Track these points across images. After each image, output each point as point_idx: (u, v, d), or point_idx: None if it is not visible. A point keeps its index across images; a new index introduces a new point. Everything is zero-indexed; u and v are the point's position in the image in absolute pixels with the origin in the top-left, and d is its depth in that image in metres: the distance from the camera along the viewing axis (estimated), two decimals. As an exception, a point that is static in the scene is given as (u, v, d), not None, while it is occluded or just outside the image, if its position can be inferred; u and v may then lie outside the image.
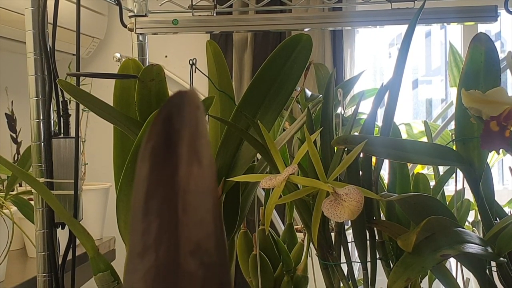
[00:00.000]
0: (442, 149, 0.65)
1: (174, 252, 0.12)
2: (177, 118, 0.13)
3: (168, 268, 0.13)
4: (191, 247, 0.12)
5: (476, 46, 0.63)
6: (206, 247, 0.12)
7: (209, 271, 0.12)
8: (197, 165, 0.13)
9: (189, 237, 0.12)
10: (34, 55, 0.70)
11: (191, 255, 0.12)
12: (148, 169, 0.13)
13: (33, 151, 0.70)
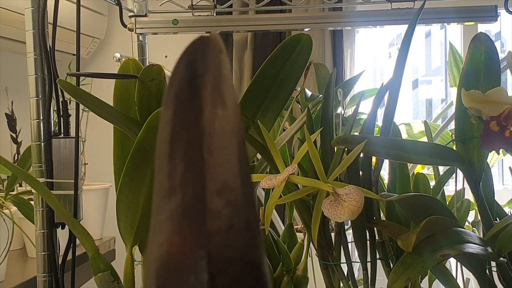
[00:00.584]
0: (442, 149, 0.65)
1: (201, 192, 0.13)
2: (200, 63, 0.13)
3: (195, 208, 0.13)
4: (217, 187, 0.13)
5: (476, 46, 0.63)
6: (232, 186, 0.12)
7: (235, 209, 0.13)
8: (221, 107, 0.13)
9: (215, 178, 0.13)
10: (34, 55, 0.70)
11: (217, 194, 0.13)
12: (172, 113, 0.13)
13: (33, 151, 0.70)
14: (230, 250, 0.12)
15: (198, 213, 0.13)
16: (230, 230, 0.12)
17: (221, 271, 0.12)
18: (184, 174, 0.13)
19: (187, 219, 0.13)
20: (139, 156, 0.58)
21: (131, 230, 0.62)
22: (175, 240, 0.13)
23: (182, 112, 0.13)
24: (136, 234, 0.61)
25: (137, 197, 0.60)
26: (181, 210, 0.13)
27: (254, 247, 0.12)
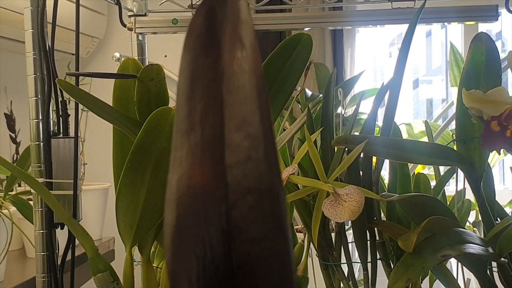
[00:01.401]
0: (442, 149, 0.65)
1: (219, 128, 0.13)
2: (219, 10, 0.13)
3: (214, 142, 0.13)
4: (236, 122, 0.13)
5: (477, 45, 0.62)
6: (251, 120, 0.13)
7: (254, 142, 0.13)
8: (240, 49, 0.13)
9: (233, 115, 0.13)
10: (33, 54, 0.70)
11: (236, 129, 0.13)
12: (191, 57, 0.14)
13: (32, 151, 0.70)
14: (249, 180, 0.13)
15: (217, 147, 0.13)
16: (249, 161, 0.13)
17: (239, 200, 0.13)
18: (204, 112, 0.14)
19: (206, 153, 0.13)
20: (138, 156, 0.57)
21: (130, 230, 0.61)
22: (195, 173, 0.13)
23: (201, 56, 0.14)
24: (136, 234, 0.61)
25: (136, 197, 0.59)
26: (201, 145, 0.14)
27: (272, 175, 0.13)
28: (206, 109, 0.14)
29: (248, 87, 0.13)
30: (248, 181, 0.13)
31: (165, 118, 0.56)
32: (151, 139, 0.57)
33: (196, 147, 0.14)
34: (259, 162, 0.13)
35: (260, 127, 0.13)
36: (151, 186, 0.59)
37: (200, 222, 0.13)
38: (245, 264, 0.13)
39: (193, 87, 0.14)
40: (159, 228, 0.63)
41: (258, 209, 0.13)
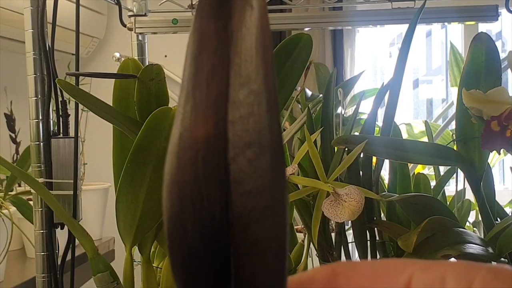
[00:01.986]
0: (442, 149, 0.64)
1: (225, 85, 0.14)
2: None
3: (218, 99, 0.14)
4: (241, 80, 0.14)
5: (477, 45, 0.62)
6: (255, 78, 0.14)
7: (257, 98, 0.14)
8: (249, 12, 0.14)
9: (239, 73, 0.14)
10: (33, 54, 0.70)
11: (240, 87, 0.14)
12: (202, 21, 0.14)
13: (32, 151, 0.70)
14: (250, 135, 0.14)
15: (221, 104, 0.14)
16: (251, 116, 0.14)
17: (239, 155, 0.14)
18: (210, 72, 0.14)
19: (210, 109, 0.14)
20: (138, 156, 0.57)
21: (130, 230, 0.61)
22: (197, 128, 0.14)
23: (212, 20, 0.14)
24: (136, 234, 0.61)
25: (136, 197, 0.59)
26: (205, 103, 0.14)
27: (272, 130, 0.13)
28: (213, 69, 0.14)
29: (255, 48, 0.14)
30: (249, 136, 0.14)
31: (165, 118, 0.56)
32: (151, 139, 0.57)
33: (201, 104, 0.14)
34: (261, 117, 0.14)
35: (263, 84, 0.14)
36: (151, 186, 0.59)
37: (199, 175, 0.14)
38: (240, 217, 0.14)
39: (202, 49, 0.15)
40: (159, 228, 0.63)
41: (256, 163, 0.14)
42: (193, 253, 0.14)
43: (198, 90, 0.14)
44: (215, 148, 0.14)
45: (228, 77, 0.14)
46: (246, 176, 0.14)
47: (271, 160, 0.13)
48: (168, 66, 1.86)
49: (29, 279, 0.97)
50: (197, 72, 0.15)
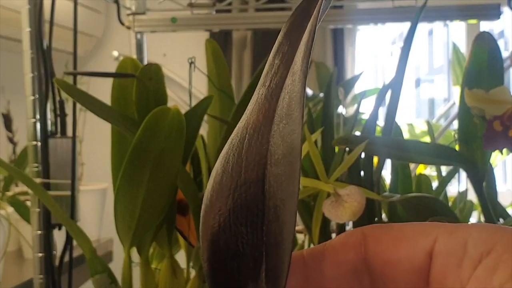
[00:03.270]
0: (444, 149, 0.64)
1: (281, 81, 0.18)
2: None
3: (274, 93, 0.18)
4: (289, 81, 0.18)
5: (479, 44, 0.62)
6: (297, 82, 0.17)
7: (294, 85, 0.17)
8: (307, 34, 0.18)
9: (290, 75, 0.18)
10: (31, 53, 0.69)
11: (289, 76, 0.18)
12: (283, 34, 0.18)
13: (29, 151, 0.69)
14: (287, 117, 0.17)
15: (274, 98, 0.18)
16: (289, 107, 0.17)
17: (276, 131, 0.17)
18: (275, 74, 0.18)
19: (265, 103, 0.18)
20: (137, 156, 0.57)
21: (129, 231, 0.61)
22: (253, 117, 0.18)
23: (290, 34, 0.18)
24: (134, 235, 0.61)
25: (135, 198, 0.59)
26: (264, 96, 0.18)
27: (300, 110, 0.16)
28: (279, 67, 0.18)
29: (302, 58, 0.17)
30: (286, 118, 0.17)
31: (164, 117, 0.56)
32: (149, 139, 0.56)
33: (261, 97, 0.18)
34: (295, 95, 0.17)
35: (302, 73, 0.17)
36: (149, 186, 0.58)
37: (244, 151, 0.17)
38: (270, 186, 0.17)
39: (276, 57, 0.19)
40: (158, 229, 0.62)
41: (285, 134, 0.17)
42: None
43: (262, 87, 0.18)
44: (260, 131, 0.17)
45: (284, 79, 0.18)
46: (276, 147, 0.17)
47: (292, 132, 0.16)
48: (167, 65, 1.85)
49: (26, 280, 0.97)
50: (267, 74, 0.19)
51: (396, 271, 0.20)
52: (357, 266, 0.20)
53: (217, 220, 0.17)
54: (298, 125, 0.16)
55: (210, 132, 0.71)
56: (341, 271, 0.20)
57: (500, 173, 2.02)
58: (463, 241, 0.18)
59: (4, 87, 1.39)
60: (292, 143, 0.16)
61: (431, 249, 0.19)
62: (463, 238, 0.18)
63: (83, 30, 1.81)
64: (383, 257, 0.20)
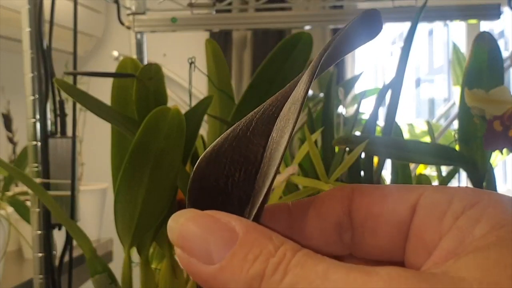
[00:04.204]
0: (444, 149, 0.64)
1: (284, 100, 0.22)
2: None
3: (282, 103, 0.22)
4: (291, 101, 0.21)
5: (479, 44, 0.62)
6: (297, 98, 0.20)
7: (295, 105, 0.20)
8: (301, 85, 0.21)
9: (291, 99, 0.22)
10: (31, 53, 0.69)
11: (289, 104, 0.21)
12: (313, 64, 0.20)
13: (29, 151, 0.69)
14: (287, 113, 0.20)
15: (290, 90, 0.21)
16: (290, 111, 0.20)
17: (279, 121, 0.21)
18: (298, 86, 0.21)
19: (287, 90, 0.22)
20: (137, 156, 0.57)
21: (129, 231, 0.61)
22: (274, 96, 0.22)
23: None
24: (134, 235, 0.61)
25: (135, 198, 0.59)
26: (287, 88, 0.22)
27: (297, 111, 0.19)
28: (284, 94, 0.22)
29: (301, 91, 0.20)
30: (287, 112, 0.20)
31: (164, 117, 0.56)
32: (149, 139, 0.56)
33: (284, 90, 0.22)
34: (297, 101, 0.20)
35: (299, 102, 0.19)
36: (149, 186, 0.58)
37: (259, 115, 0.22)
38: (272, 138, 0.20)
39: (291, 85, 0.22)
40: (158, 229, 0.62)
41: (283, 120, 0.20)
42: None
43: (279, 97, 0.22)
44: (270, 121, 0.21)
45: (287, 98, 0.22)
46: (277, 131, 0.20)
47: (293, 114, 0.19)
48: (167, 65, 1.85)
49: (26, 280, 0.97)
50: (293, 84, 0.21)
51: (377, 223, 0.20)
52: (341, 220, 0.20)
53: (214, 160, 0.20)
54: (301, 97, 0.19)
55: (210, 132, 0.71)
56: (325, 222, 0.21)
57: (500, 173, 2.02)
58: (449, 196, 0.18)
59: (4, 87, 1.39)
60: (295, 101, 0.19)
61: (415, 203, 0.19)
62: (449, 193, 0.18)
63: (83, 30, 1.80)
64: (367, 210, 0.20)
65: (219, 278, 0.17)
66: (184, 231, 0.17)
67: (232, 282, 0.16)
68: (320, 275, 0.16)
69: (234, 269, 0.16)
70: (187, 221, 0.17)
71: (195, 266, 0.17)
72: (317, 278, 0.16)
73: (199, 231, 0.17)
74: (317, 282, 0.15)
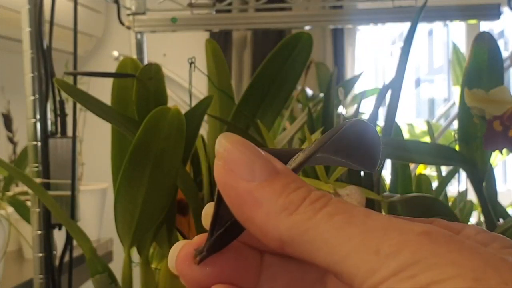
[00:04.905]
0: (444, 149, 0.64)
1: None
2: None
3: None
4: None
5: (479, 44, 0.62)
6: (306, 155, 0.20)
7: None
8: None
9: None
10: (31, 53, 0.69)
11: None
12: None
13: (29, 151, 0.69)
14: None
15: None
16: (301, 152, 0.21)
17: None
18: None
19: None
20: (137, 156, 0.57)
21: (129, 231, 0.61)
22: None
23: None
24: (134, 235, 0.61)
25: (135, 198, 0.59)
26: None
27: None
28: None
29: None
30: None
31: (164, 117, 0.56)
32: (149, 139, 0.56)
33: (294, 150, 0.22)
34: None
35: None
36: (150, 186, 0.58)
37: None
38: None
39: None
40: (158, 229, 0.62)
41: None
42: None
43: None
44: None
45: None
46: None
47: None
48: (167, 65, 1.85)
49: (27, 280, 0.97)
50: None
51: None
52: None
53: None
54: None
55: (210, 132, 0.71)
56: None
57: (500, 173, 2.02)
58: (460, 225, 0.19)
59: (4, 87, 1.39)
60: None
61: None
62: (461, 224, 0.19)
63: (83, 30, 1.81)
64: None
65: (256, 193, 0.17)
66: (232, 147, 0.18)
67: (268, 200, 0.17)
68: (362, 212, 0.16)
69: (274, 189, 0.17)
70: (238, 141, 0.18)
71: (233, 179, 0.17)
72: (359, 214, 0.16)
73: (248, 152, 0.18)
74: (359, 217, 0.16)
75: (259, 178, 0.17)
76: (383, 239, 0.15)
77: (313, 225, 0.16)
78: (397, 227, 0.16)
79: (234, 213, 0.18)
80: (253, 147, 0.18)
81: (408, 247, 0.15)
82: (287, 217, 0.17)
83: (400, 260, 0.15)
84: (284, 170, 0.18)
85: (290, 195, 0.17)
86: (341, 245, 0.16)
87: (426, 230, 0.15)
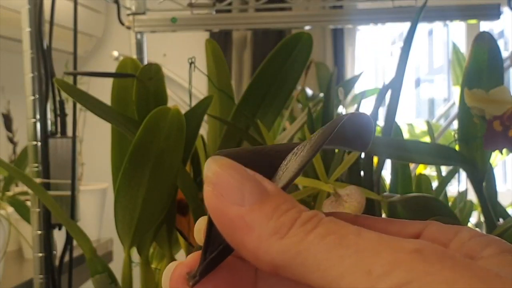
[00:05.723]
0: (444, 149, 0.64)
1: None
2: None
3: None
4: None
5: (479, 44, 0.62)
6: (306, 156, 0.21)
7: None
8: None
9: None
10: (31, 53, 0.69)
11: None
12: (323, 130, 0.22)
13: (29, 151, 0.69)
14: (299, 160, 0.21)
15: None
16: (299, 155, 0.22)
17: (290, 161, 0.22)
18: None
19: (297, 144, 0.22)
20: (137, 156, 0.57)
21: (129, 231, 0.61)
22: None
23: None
24: (134, 235, 0.61)
25: (135, 198, 0.59)
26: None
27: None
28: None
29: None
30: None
31: (164, 117, 0.56)
32: (149, 139, 0.56)
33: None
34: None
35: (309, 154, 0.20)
36: (150, 186, 0.58)
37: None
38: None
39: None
40: (158, 229, 0.62)
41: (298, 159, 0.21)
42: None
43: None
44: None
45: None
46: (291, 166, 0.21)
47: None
48: (167, 65, 1.85)
49: (26, 280, 0.97)
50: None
51: None
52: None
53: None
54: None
55: (210, 132, 0.71)
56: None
57: (500, 173, 2.02)
58: (455, 229, 0.19)
59: (4, 87, 1.39)
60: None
61: (419, 233, 0.20)
62: (455, 227, 0.19)
63: (83, 30, 1.81)
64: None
65: (247, 218, 0.17)
66: (221, 172, 0.18)
67: (259, 224, 0.17)
68: (353, 231, 0.16)
69: (265, 212, 0.17)
70: (226, 164, 0.18)
71: (224, 204, 0.17)
72: (350, 234, 0.16)
73: (237, 176, 0.18)
74: (350, 237, 0.16)
75: (249, 201, 0.17)
76: (375, 259, 0.15)
77: (304, 247, 0.16)
78: (388, 246, 0.16)
79: (226, 238, 0.18)
80: (242, 169, 0.18)
81: (400, 267, 0.15)
82: (279, 241, 0.17)
83: (393, 280, 0.15)
84: (274, 191, 0.18)
85: (280, 218, 0.17)
86: (333, 267, 0.16)
87: (417, 248, 0.15)
